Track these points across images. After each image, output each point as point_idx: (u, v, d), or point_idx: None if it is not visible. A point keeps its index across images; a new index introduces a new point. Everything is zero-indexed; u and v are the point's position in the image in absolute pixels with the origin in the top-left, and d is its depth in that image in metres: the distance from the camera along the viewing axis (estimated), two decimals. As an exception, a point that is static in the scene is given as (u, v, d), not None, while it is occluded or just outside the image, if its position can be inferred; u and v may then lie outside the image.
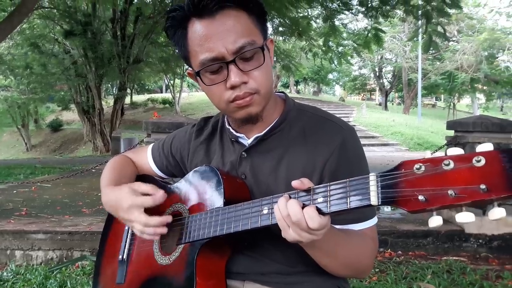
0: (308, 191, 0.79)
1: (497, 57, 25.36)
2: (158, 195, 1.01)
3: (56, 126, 22.40)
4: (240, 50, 0.90)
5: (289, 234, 0.79)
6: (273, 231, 0.88)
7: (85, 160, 12.06)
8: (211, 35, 0.90)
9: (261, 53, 0.92)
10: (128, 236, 1.18)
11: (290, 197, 0.80)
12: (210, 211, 0.97)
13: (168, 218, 1.00)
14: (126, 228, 1.20)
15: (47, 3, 13.30)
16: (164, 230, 0.99)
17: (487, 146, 0.62)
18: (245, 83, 0.92)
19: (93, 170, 6.42)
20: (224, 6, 0.90)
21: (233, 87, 0.92)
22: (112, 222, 1.28)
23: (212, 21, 0.90)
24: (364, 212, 0.98)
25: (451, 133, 3.97)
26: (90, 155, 14.89)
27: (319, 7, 8.98)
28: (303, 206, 0.77)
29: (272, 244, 1.00)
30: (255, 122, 1.00)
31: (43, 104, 18.61)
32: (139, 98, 31.76)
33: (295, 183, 0.79)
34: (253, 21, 0.94)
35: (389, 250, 3.48)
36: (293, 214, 0.76)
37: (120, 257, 1.17)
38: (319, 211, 0.76)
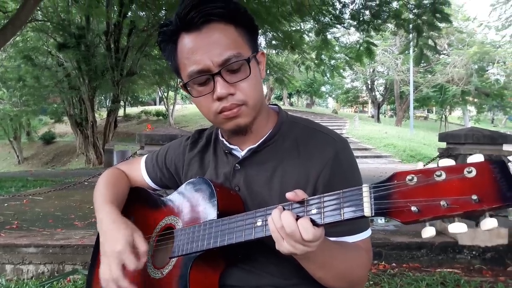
0: (302, 202, 0.79)
1: (487, 70, 25.75)
2: (140, 264, 0.97)
3: (48, 139, 22.23)
4: (225, 62, 0.91)
5: (283, 246, 0.78)
6: (267, 243, 0.88)
7: (77, 173, 11.97)
8: (198, 48, 0.92)
9: (247, 65, 0.93)
10: None
11: (284, 209, 0.80)
12: (203, 223, 0.96)
13: None
14: None
15: (40, 16, 13.33)
16: None
17: (478, 157, 0.63)
18: (232, 95, 0.93)
19: (85, 183, 6.37)
20: (210, 20, 0.92)
21: (219, 99, 0.93)
22: None
23: (198, 34, 0.92)
24: (358, 224, 0.97)
25: (443, 145, 4.00)
26: (82, 167, 14.77)
27: (312, 21, 9.10)
28: (297, 218, 0.77)
29: (266, 257, 0.99)
30: (245, 134, 1.01)
31: (35, 116, 18.47)
32: (132, 110, 31.72)
33: (289, 195, 0.79)
34: (241, 34, 0.96)
35: (383, 262, 3.47)
36: (287, 225, 0.76)
37: None
38: (313, 222, 0.76)
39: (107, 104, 19.86)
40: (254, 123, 1.01)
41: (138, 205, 1.23)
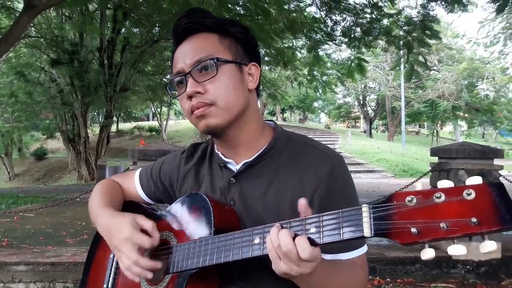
0: (300, 220, 0.78)
1: (477, 86, 26.13)
2: (155, 240, 0.99)
3: (40, 155, 22.03)
4: (196, 62, 0.97)
5: (280, 266, 0.78)
6: (263, 261, 0.88)
7: (69, 189, 11.86)
8: (179, 54, 1.02)
9: (214, 65, 0.96)
10: (113, 265, 1.15)
11: (282, 227, 0.79)
12: (199, 240, 0.95)
13: (158, 265, 0.97)
14: (111, 256, 1.17)
15: (34, 32, 13.35)
16: (150, 275, 0.96)
17: (476, 179, 0.64)
18: (200, 93, 0.96)
19: (77, 199, 6.31)
20: (195, 30, 1.01)
21: (189, 97, 0.97)
22: (95, 251, 1.24)
23: (182, 44, 1.02)
24: (355, 240, 0.97)
25: (435, 159, 4.04)
26: (74, 183, 14.63)
27: (304, 38, 9.22)
28: (295, 236, 0.76)
29: (262, 275, 0.98)
30: (219, 137, 1.03)
31: (27, 132, 18.33)
32: (125, 126, 31.58)
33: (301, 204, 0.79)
34: (226, 43, 1.01)
35: (377, 278, 3.46)
36: (283, 244, 0.75)
37: (105, 286, 1.14)
38: (312, 241, 0.75)
39: (100, 119, 19.80)
40: (236, 131, 1.02)
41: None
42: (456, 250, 0.63)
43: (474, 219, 0.61)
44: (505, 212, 0.60)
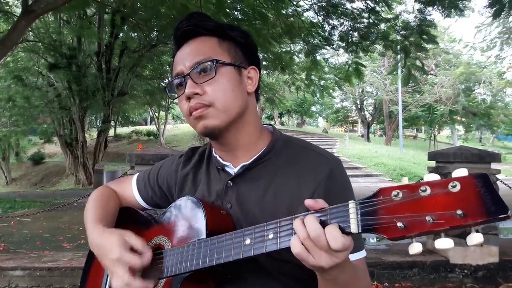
0: (290, 219, 0.78)
1: (474, 90, 26.26)
2: (146, 258, 0.97)
3: (37, 159, 21.95)
4: (195, 64, 0.98)
5: (309, 259, 0.74)
6: (257, 263, 0.87)
7: (66, 194, 11.83)
8: (179, 57, 1.03)
9: (212, 67, 0.97)
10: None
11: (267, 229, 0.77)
12: (192, 243, 0.94)
13: (150, 285, 0.95)
14: None
15: (32, 37, 13.36)
16: None
17: (462, 172, 0.63)
18: (199, 95, 0.97)
19: (74, 204, 6.28)
20: (196, 33, 1.02)
21: (188, 98, 0.98)
22: (93, 257, 1.24)
23: (182, 47, 1.04)
24: (356, 241, 0.96)
25: (433, 163, 4.05)
26: (72, 188, 14.59)
27: (301, 42, 9.26)
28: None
29: (256, 277, 0.98)
30: (217, 138, 1.03)
31: (25, 137, 18.29)
32: (123, 130, 31.54)
33: (308, 202, 0.77)
34: (225, 46, 1.02)
35: (375, 282, 3.46)
36: (311, 230, 0.73)
37: None
38: (342, 230, 0.73)
39: (98, 124, 19.80)
40: (234, 133, 1.02)
41: (128, 225, 1.21)
42: (443, 243, 0.63)
43: (459, 212, 0.60)
44: (491, 203, 0.59)
